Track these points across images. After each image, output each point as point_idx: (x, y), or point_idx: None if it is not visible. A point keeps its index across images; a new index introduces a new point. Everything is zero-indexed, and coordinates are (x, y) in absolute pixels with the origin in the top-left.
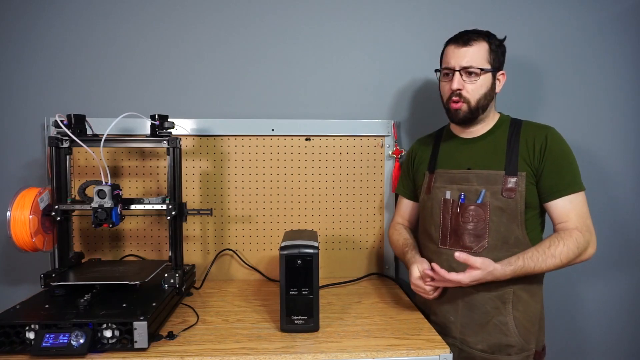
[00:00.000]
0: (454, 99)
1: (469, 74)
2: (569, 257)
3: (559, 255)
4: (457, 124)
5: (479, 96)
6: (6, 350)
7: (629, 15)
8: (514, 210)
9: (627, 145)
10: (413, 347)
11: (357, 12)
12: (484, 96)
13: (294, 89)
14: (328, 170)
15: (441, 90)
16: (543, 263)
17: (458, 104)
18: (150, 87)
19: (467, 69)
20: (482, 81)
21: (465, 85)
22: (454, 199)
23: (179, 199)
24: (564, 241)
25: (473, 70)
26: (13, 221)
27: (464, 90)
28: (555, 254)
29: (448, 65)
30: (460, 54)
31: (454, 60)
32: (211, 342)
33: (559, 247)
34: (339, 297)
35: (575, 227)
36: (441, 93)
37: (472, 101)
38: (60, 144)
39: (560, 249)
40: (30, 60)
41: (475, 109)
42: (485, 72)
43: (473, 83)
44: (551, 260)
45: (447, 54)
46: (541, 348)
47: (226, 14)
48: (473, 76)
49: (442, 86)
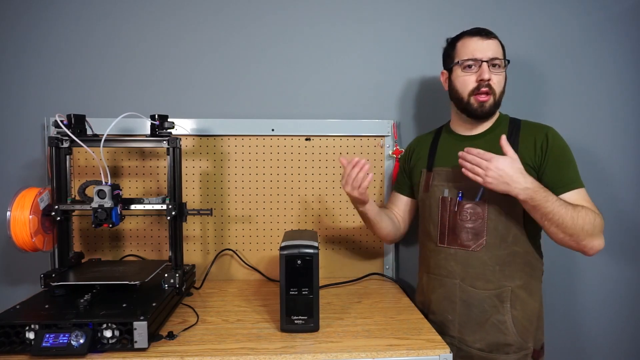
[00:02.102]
0: (483, 90)
1: (494, 65)
2: (585, 223)
3: (578, 214)
4: (479, 117)
5: (501, 89)
6: (6, 350)
7: (629, 15)
8: (513, 208)
9: (627, 145)
10: (413, 347)
11: (357, 12)
12: (503, 90)
13: (294, 89)
14: (328, 170)
15: (460, 83)
16: (563, 207)
17: (487, 96)
18: (150, 87)
19: (493, 61)
20: (504, 75)
21: (492, 76)
22: (452, 196)
23: (179, 199)
24: (586, 210)
25: (498, 62)
26: (13, 221)
27: (492, 81)
28: (577, 209)
29: (473, 56)
30: (486, 46)
31: (480, 51)
32: (211, 342)
33: (580, 209)
34: (339, 297)
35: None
36: (458, 87)
37: (498, 93)
38: (60, 144)
39: (581, 211)
40: (30, 60)
41: (499, 102)
42: (505, 66)
43: (499, 75)
44: (571, 211)
45: (469, 45)
46: (540, 347)
47: (226, 14)
48: (498, 68)
49: (463, 79)
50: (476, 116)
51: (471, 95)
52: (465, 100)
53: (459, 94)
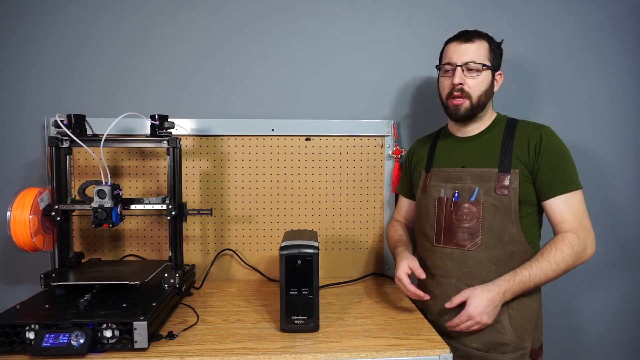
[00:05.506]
0: (455, 94)
1: (469, 69)
2: (565, 261)
3: (554, 261)
4: (457, 120)
5: (480, 92)
6: (6, 350)
7: (629, 15)
8: (508, 207)
9: (627, 145)
10: (413, 347)
11: (357, 12)
12: (485, 93)
13: (294, 89)
14: (328, 170)
15: (440, 86)
16: (539, 270)
17: (460, 99)
18: (150, 87)
19: (468, 65)
20: (483, 78)
21: (467, 80)
22: (448, 197)
23: (179, 199)
24: (557, 246)
25: (474, 66)
26: (13, 221)
27: (466, 85)
28: (550, 260)
29: (450, 60)
30: (463, 50)
31: (456, 56)
32: (211, 342)
33: (552, 252)
34: (339, 297)
35: (570, 229)
36: (440, 90)
37: (474, 97)
38: (60, 144)
39: (554, 254)
40: (30, 60)
41: (477, 106)
42: (486, 69)
43: (474, 78)
44: (546, 265)
45: (449, 50)
46: (538, 346)
47: (226, 14)
48: (474, 72)
49: (441, 82)
50: (454, 119)
51: (447, 98)
52: (444, 103)
53: (440, 98)
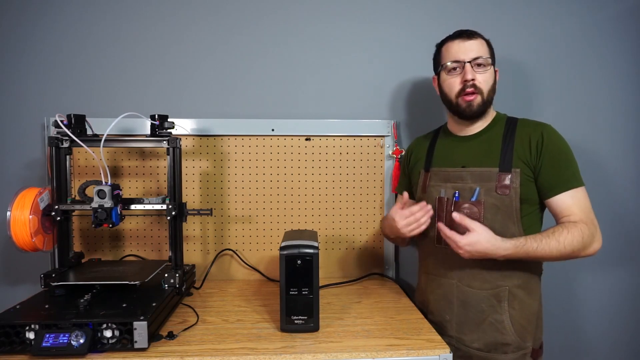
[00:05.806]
0: (468, 90)
1: (479, 65)
2: (573, 245)
3: (563, 242)
4: (469, 118)
5: (489, 87)
6: (6, 350)
7: (629, 15)
8: (509, 207)
9: (627, 145)
10: (413, 347)
11: (357, 12)
12: (492, 88)
13: (294, 89)
14: (328, 170)
15: (447, 86)
16: (546, 246)
17: (472, 95)
18: (150, 87)
19: (477, 60)
20: (490, 73)
21: (477, 75)
22: (449, 197)
23: (179, 199)
24: (569, 229)
25: (483, 61)
26: (13, 221)
27: (477, 80)
28: (560, 240)
29: (456, 58)
30: (468, 47)
31: (462, 53)
32: (211, 342)
33: (562, 233)
34: (339, 297)
35: (580, 220)
36: (446, 90)
37: (485, 92)
38: (60, 144)
39: (565, 236)
40: (30, 60)
41: (488, 101)
42: (491, 64)
43: (484, 73)
44: (554, 244)
45: (451, 49)
46: (539, 346)
47: (226, 14)
48: (482, 67)
49: (448, 82)
50: (466, 117)
51: (458, 96)
52: (453, 102)
53: (447, 97)
